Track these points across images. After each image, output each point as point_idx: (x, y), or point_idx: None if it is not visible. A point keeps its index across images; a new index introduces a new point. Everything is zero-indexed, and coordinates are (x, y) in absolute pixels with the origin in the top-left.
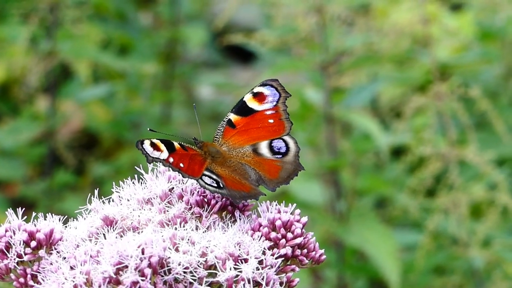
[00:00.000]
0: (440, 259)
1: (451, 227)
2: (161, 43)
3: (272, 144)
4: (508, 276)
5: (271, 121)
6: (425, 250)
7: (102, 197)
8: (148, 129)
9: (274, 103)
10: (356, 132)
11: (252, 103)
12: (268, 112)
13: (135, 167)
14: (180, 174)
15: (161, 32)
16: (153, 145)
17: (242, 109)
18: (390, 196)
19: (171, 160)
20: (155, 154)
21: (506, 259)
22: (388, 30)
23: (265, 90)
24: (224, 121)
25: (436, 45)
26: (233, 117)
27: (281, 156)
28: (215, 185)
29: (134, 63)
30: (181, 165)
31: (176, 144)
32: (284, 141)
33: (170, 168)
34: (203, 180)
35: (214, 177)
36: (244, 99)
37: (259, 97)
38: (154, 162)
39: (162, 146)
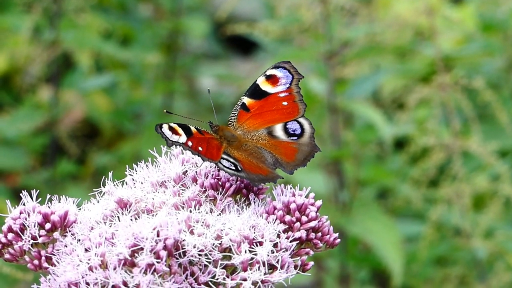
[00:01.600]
0: (442, 250)
1: (454, 218)
2: (163, 34)
3: (287, 126)
4: (511, 267)
5: (285, 103)
6: (428, 241)
7: (105, 186)
8: (165, 110)
9: (287, 85)
10: (359, 122)
11: (266, 86)
12: (282, 95)
13: (149, 150)
14: (199, 158)
15: (163, 23)
16: (171, 129)
17: (255, 92)
18: (393, 186)
19: (189, 143)
20: (174, 137)
21: (509, 250)
22: (391, 21)
23: (278, 73)
24: (238, 104)
25: (439, 37)
26: (247, 100)
27: (296, 138)
28: (234, 168)
29: (137, 54)
30: (200, 148)
31: (192, 128)
32: (299, 122)
33: (190, 152)
34: (222, 164)
35: (232, 160)
36: (257, 82)
37: (272, 79)
38: (173, 146)
39: (180, 130)
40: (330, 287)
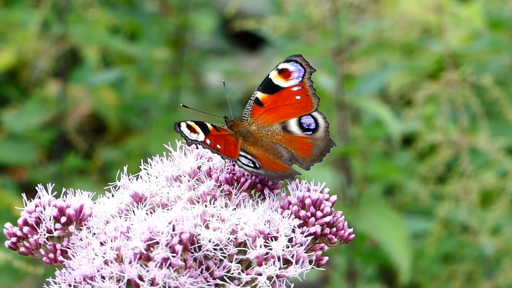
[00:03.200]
0: (450, 247)
1: (461, 214)
2: (170, 30)
3: (301, 121)
4: None
5: (298, 97)
6: (435, 237)
7: (112, 182)
8: (181, 104)
9: (300, 79)
10: (367, 119)
11: (278, 80)
12: (295, 89)
13: (164, 144)
14: (218, 156)
15: (170, 19)
16: (189, 127)
17: (268, 86)
18: (400, 183)
19: (208, 141)
20: (193, 136)
21: None
22: (399, 18)
23: (290, 66)
24: (251, 99)
25: (446, 34)
26: (260, 95)
27: (311, 132)
28: (252, 165)
29: (144, 49)
30: (218, 146)
31: (209, 125)
32: (313, 117)
33: (209, 150)
34: (240, 161)
35: (249, 157)
36: (269, 76)
37: (285, 73)
38: (193, 145)
39: (198, 128)
40: (337, 284)
